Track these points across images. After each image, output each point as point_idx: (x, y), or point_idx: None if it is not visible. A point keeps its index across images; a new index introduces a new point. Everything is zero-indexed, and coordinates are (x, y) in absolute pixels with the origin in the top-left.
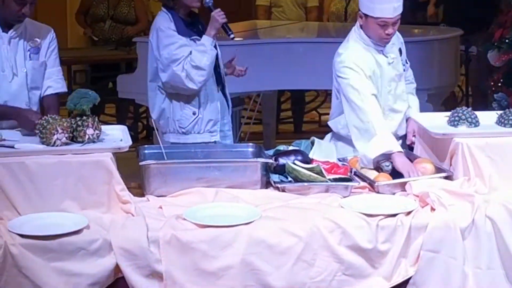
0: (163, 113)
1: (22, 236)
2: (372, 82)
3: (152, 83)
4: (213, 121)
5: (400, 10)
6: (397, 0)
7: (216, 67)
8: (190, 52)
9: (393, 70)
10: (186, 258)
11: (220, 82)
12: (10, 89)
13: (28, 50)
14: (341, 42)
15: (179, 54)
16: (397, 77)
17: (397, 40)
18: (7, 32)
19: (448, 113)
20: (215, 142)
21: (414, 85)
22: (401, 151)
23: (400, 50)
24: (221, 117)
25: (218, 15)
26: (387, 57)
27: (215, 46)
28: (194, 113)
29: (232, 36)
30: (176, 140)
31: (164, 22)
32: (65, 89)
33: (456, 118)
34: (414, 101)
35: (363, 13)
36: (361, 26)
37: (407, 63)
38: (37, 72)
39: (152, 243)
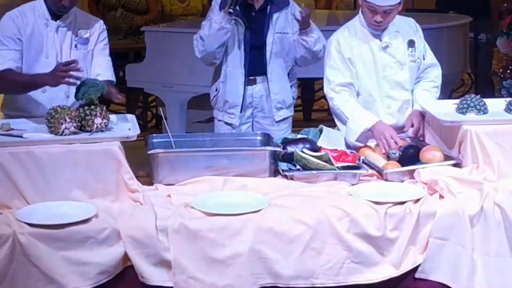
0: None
1: (30, 225)
2: (351, 65)
3: None
4: (229, 103)
5: (394, 1)
6: None
7: (258, 54)
8: None
9: (387, 55)
10: (195, 246)
11: (259, 72)
12: None
13: (75, 41)
14: None
15: (203, 24)
16: (395, 64)
17: (413, 32)
18: (55, 21)
19: (457, 101)
20: (233, 124)
21: (435, 84)
22: (378, 121)
23: (412, 42)
24: (256, 109)
25: None
26: (381, 41)
27: (259, 30)
28: (216, 89)
29: (230, 10)
30: (213, 112)
31: None
32: (114, 79)
33: (465, 106)
34: (426, 96)
35: None
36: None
37: (424, 59)
38: (82, 62)
39: (161, 231)
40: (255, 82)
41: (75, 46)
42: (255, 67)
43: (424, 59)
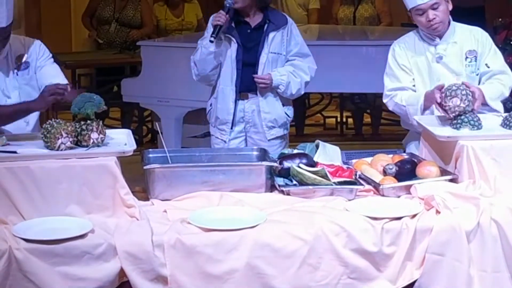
0: None
1: (26, 240)
2: (408, 71)
3: None
4: (220, 120)
5: None
6: None
7: (249, 70)
8: None
9: (441, 66)
10: (191, 262)
11: (250, 88)
12: None
13: (15, 69)
14: (346, 45)
15: (198, 45)
16: (451, 74)
17: (474, 41)
18: None
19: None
20: (225, 141)
21: (502, 82)
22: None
23: (471, 52)
24: (249, 124)
25: (215, 16)
26: (435, 50)
27: (252, 48)
28: (211, 105)
29: (211, 39)
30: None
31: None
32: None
33: (459, 121)
34: (487, 85)
35: (408, 11)
36: None
37: (488, 67)
38: (29, 87)
39: (157, 247)
40: (247, 97)
41: (17, 74)
42: (247, 83)
43: (488, 67)
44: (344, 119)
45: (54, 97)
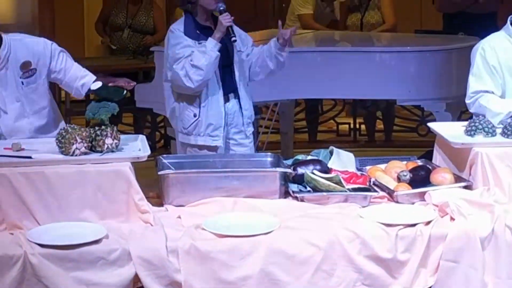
0: (173, 112)
1: (41, 245)
2: (496, 73)
3: (166, 83)
4: (214, 125)
5: None
6: None
7: (227, 72)
8: (192, 52)
9: None
10: (205, 267)
11: (230, 90)
12: (2, 124)
13: (20, 77)
14: (358, 51)
15: (181, 54)
16: None
17: None
18: None
19: (466, 123)
20: (216, 147)
21: None
22: None
23: None
24: (231, 125)
25: (224, 19)
26: None
27: (227, 50)
28: (194, 115)
29: (233, 39)
30: (182, 140)
31: (176, 24)
32: (94, 76)
33: (473, 128)
34: None
35: None
36: None
37: None
38: (35, 95)
39: (171, 252)
40: (229, 99)
41: (22, 83)
42: (227, 85)
43: None
44: (357, 126)
45: None
